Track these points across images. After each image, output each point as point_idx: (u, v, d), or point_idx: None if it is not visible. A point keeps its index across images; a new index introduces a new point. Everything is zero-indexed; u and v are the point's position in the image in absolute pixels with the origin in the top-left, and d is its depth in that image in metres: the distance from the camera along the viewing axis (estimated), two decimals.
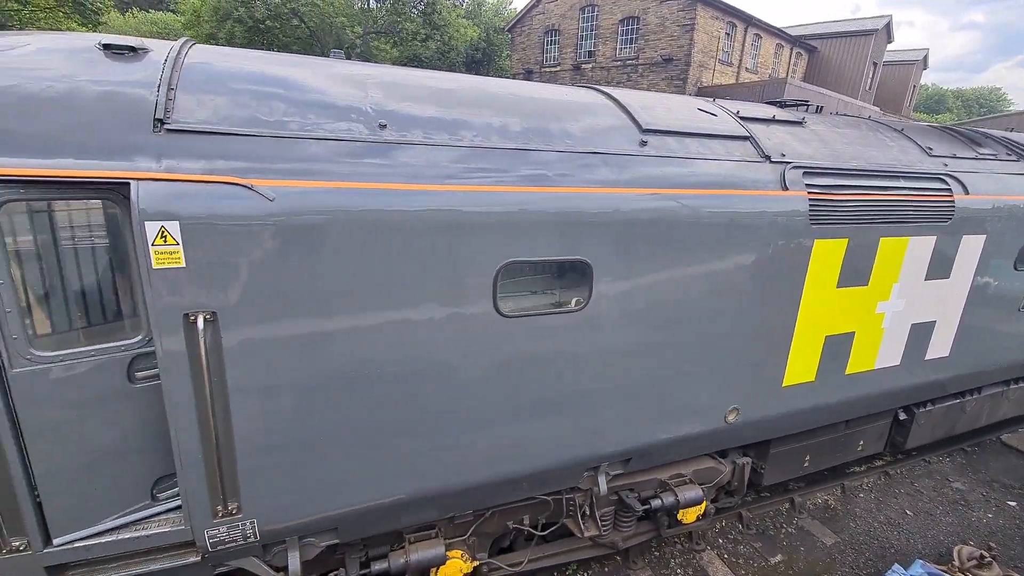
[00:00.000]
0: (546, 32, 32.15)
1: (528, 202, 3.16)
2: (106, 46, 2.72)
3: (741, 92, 25.14)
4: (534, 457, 3.73)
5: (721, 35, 27.18)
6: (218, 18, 34.86)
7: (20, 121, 2.36)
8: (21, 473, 2.58)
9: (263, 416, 2.84)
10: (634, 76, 28.30)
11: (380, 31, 40.17)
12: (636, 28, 27.73)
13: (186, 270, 2.51)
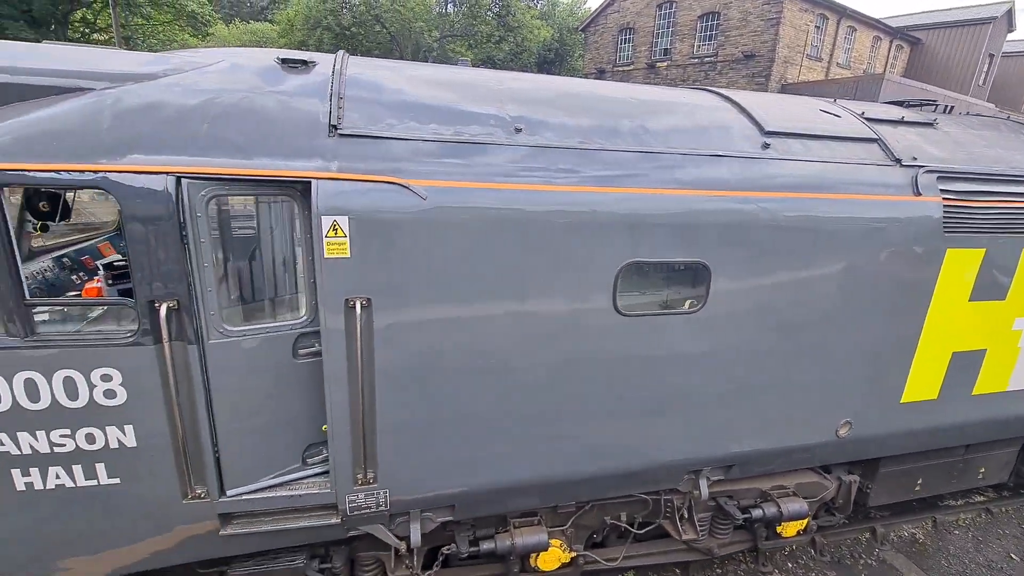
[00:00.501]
0: (621, 30, 31.60)
1: (650, 204, 3.25)
2: (283, 60, 3.08)
3: (830, 89, 23.49)
4: (639, 455, 3.81)
5: (810, 28, 25.51)
6: (308, 26, 37.24)
7: (224, 127, 2.72)
8: (208, 431, 2.94)
9: (402, 395, 3.11)
10: (712, 74, 27.20)
11: (456, 34, 41.19)
12: (716, 24, 26.63)
13: (350, 260, 2.81)
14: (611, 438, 3.67)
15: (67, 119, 2.58)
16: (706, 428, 3.89)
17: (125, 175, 2.55)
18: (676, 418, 3.77)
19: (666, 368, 3.59)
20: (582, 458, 3.66)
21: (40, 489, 2.82)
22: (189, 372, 2.81)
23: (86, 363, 2.67)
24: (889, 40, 30.64)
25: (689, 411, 3.78)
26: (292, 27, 39.18)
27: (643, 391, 3.60)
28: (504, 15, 41.43)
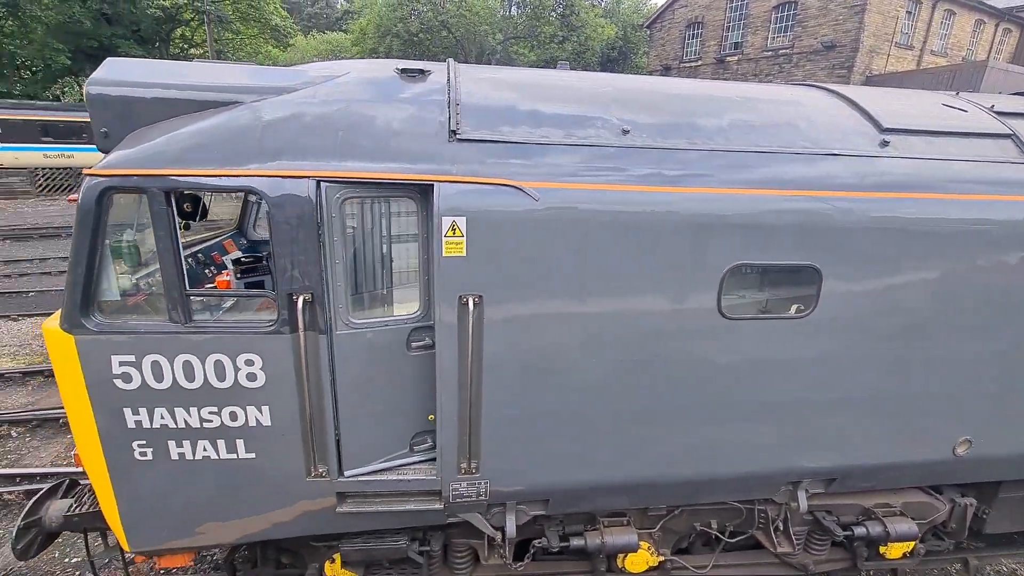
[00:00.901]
0: (688, 25, 30.60)
1: (760, 204, 3.19)
2: (402, 70, 3.26)
3: (922, 80, 21.57)
4: (737, 462, 3.72)
5: (900, 14, 23.55)
6: (379, 35, 38.91)
7: (356, 135, 2.94)
8: (332, 415, 3.18)
9: (507, 389, 3.24)
10: (787, 67, 25.75)
11: (519, 36, 41.50)
12: (793, 14, 25.19)
13: (466, 259, 2.95)
14: (710, 443, 3.61)
15: (224, 129, 2.85)
16: (809, 438, 3.72)
17: (274, 179, 2.80)
18: (778, 426, 3.65)
19: (770, 374, 3.49)
20: (679, 461, 3.62)
21: (190, 459, 3.13)
22: (319, 360, 3.03)
23: (234, 348, 2.95)
24: (995, 23, 27.67)
25: (792, 419, 3.65)
26: (364, 36, 41.06)
27: (745, 396, 3.51)
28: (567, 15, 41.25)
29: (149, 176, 2.74)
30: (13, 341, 9.82)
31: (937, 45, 25.88)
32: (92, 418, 2.99)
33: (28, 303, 11.70)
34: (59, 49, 29.55)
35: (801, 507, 4.03)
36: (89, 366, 2.89)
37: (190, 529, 3.34)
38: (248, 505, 3.32)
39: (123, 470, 3.11)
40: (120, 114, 2.86)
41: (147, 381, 2.94)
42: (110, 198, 2.78)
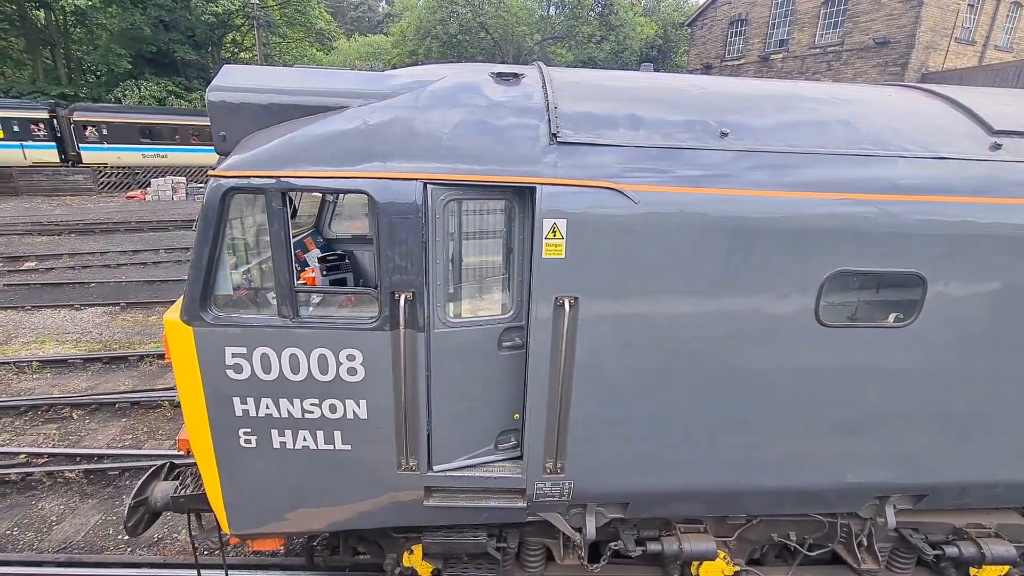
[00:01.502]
0: (731, 23, 29.83)
1: (862, 209, 3.09)
2: (497, 74, 3.32)
3: (985, 77, 20.38)
4: (824, 473, 3.61)
5: (962, 7, 22.29)
6: (419, 36, 39.51)
7: (460, 138, 3.00)
8: (425, 411, 3.27)
9: (597, 391, 3.26)
10: (836, 64, 24.77)
11: (557, 37, 41.37)
12: (843, 9, 24.20)
13: (564, 260, 2.99)
14: (798, 452, 3.53)
15: (336, 133, 2.96)
16: (903, 451, 3.58)
17: (383, 181, 2.90)
18: (871, 438, 3.52)
19: (866, 384, 3.37)
20: (765, 470, 3.56)
21: (290, 448, 3.27)
22: (416, 357, 3.12)
23: (336, 343, 3.07)
24: None
25: (886, 432, 3.52)
26: (404, 38, 41.78)
27: (838, 406, 3.41)
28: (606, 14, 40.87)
29: (268, 177, 2.88)
30: (76, 329, 10.47)
31: (1002, 40, 24.37)
32: (204, 405, 3.16)
33: (90, 293, 12.45)
34: (121, 54, 31.29)
35: (889, 523, 3.88)
36: (204, 356, 3.06)
37: (286, 515, 3.49)
38: (341, 495, 3.45)
39: (229, 456, 3.28)
40: (237, 119, 3.02)
41: (256, 372, 3.09)
42: (232, 198, 2.93)
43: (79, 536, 5.28)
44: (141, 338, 10.08)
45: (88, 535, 5.31)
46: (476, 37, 39.93)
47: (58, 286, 12.85)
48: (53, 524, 5.45)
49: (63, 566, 4.84)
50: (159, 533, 5.31)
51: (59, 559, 4.92)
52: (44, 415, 7.33)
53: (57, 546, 5.16)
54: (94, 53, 33.18)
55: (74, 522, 5.47)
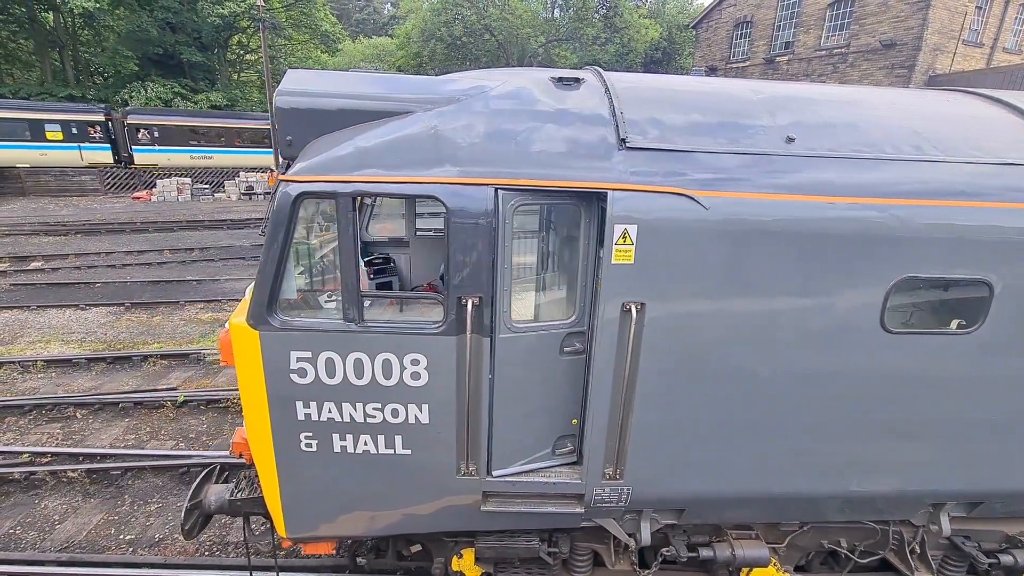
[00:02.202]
0: (736, 25, 29.77)
1: (931, 216, 3.07)
2: (559, 79, 3.31)
3: (994, 79, 20.24)
4: (882, 479, 3.58)
5: (970, 9, 22.16)
6: (423, 39, 39.60)
7: (529, 143, 3.00)
8: (487, 415, 3.25)
9: (659, 397, 3.25)
10: (841, 67, 24.67)
11: (561, 38, 41.40)
12: (850, 11, 24.11)
13: (633, 266, 2.97)
14: (858, 459, 3.50)
15: (406, 138, 2.97)
16: (962, 459, 3.55)
17: (456, 187, 2.90)
18: (931, 444, 3.49)
19: (929, 390, 3.35)
20: (824, 476, 3.53)
21: (350, 452, 3.26)
22: (480, 361, 3.10)
23: (401, 348, 3.07)
24: None
25: (946, 439, 3.48)
26: (409, 40, 41.88)
27: (899, 413, 3.39)
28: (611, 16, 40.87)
29: (340, 182, 2.88)
30: (80, 328, 10.50)
31: (1011, 42, 24.21)
32: (266, 409, 3.15)
33: (95, 293, 12.50)
34: (128, 56, 31.48)
35: (944, 530, 3.84)
36: (270, 360, 3.05)
37: (342, 519, 3.48)
38: (398, 499, 3.44)
39: (289, 459, 3.27)
40: (304, 123, 3.03)
41: (320, 376, 3.08)
42: (302, 202, 2.93)
43: (81, 535, 5.28)
44: (145, 338, 10.11)
45: (90, 534, 5.30)
46: (480, 39, 40.01)
47: (64, 286, 12.91)
48: (56, 523, 5.44)
49: (65, 565, 4.84)
50: (160, 534, 5.30)
51: (61, 559, 4.91)
52: (48, 414, 7.34)
53: (59, 545, 5.16)
54: (101, 55, 33.41)
55: (76, 521, 5.46)
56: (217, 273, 14.49)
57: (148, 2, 31.16)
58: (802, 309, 3.12)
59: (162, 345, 9.70)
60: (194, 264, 15.42)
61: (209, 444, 6.76)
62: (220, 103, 33.35)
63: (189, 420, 7.30)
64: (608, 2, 41.13)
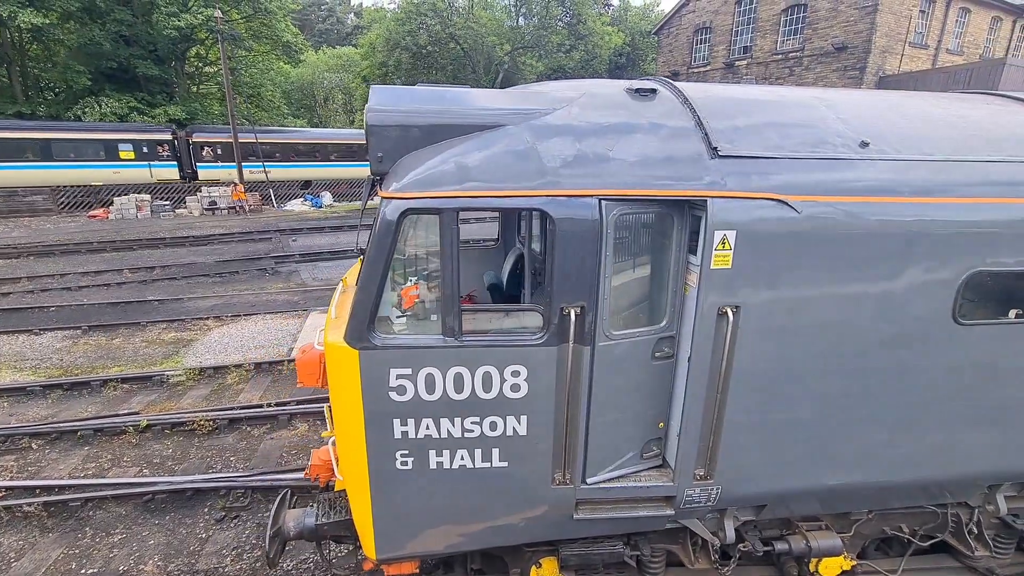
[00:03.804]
0: (696, 31, 30.60)
1: (999, 213, 3.30)
2: (636, 90, 3.36)
3: (939, 79, 21.28)
4: (951, 464, 3.76)
5: (914, 13, 23.30)
6: (389, 48, 39.41)
7: (624, 153, 3.03)
8: (584, 424, 3.26)
9: (749, 398, 3.32)
10: (797, 70, 25.57)
11: (527, 46, 41.78)
12: (803, 16, 25.06)
13: (731, 271, 3.05)
14: (931, 447, 3.67)
15: (506, 152, 2.97)
16: (1019, 440, 3.79)
17: (562, 199, 2.92)
18: (996, 429, 3.71)
19: (994, 379, 3.56)
20: (900, 466, 3.69)
21: (446, 468, 3.21)
22: (580, 370, 3.11)
23: (502, 360, 3.06)
24: (1012, 20, 27.25)
25: (1007, 422, 3.71)
26: (374, 49, 41.62)
27: (968, 401, 3.59)
28: (575, 24, 41.49)
29: (444, 197, 2.87)
30: (34, 355, 9.98)
31: (953, 44, 25.54)
32: (362, 428, 3.10)
33: (49, 317, 11.92)
34: (80, 71, 30.36)
35: (1000, 510, 4.10)
36: (368, 379, 3.00)
37: (434, 536, 3.44)
38: (491, 512, 3.42)
39: (383, 479, 3.21)
40: (395, 139, 3.02)
41: (419, 393, 3.05)
42: (407, 219, 2.92)
43: (39, 572, 4.97)
44: (104, 362, 9.66)
45: (49, 570, 5.00)
46: (446, 48, 40.05)
47: (15, 311, 12.26)
48: (12, 561, 5.11)
49: None
50: (124, 566, 5.03)
51: None
52: (0, 446, 6.92)
53: None
54: (52, 70, 32.13)
55: (34, 558, 5.14)
56: (180, 292, 14.00)
57: (100, 15, 30.13)
58: (888, 306, 3.27)
59: (123, 368, 9.28)
60: (156, 283, 14.86)
61: (176, 469, 6.49)
62: (179, 117, 32.47)
63: (153, 445, 6.99)
64: (572, 10, 41.73)
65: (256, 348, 10.16)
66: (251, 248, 19.28)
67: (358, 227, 4.06)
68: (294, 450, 6.92)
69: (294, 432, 7.32)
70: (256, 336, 10.76)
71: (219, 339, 10.61)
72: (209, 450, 6.90)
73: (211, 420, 7.32)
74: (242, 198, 26.96)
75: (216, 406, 7.90)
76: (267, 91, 40.33)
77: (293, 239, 20.89)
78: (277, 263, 17.00)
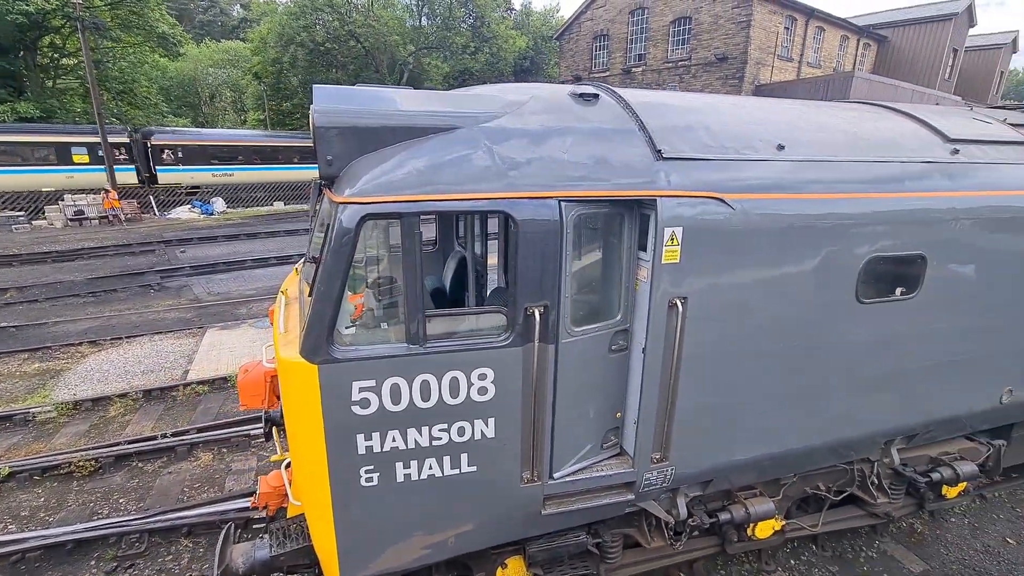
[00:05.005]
0: (595, 38, 32.00)
1: (884, 205, 3.80)
2: (578, 95, 3.46)
3: (803, 88, 23.98)
4: (857, 426, 4.30)
5: (780, 30, 26.08)
6: (282, 43, 37.04)
7: (578, 155, 3.14)
8: (551, 420, 3.31)
9: (697, 381, 3.56)
10: (687, 77, 27.61)
11: (431, 47, 41.29)
12: (688, 28, 27.09)
13: (679, 265, 3.26)
14: (844, 411, 4.16)
15: (463, 155, 2.94)
16: (908, 400, 4.39)
17: (524, 201, 2.96)
18: (892, 391, 4.28)
19: (887, 348, 4.11)
20: (816, 431, 4.15)
21: (414, 479, 3.13)
22: (546, 368, 3.19)
23: (469, 364, 3.04)
24: (856, 38, 31.46)
25: (901, 384, 4.29)
26: (266, 44, 38.93)
27: (871, 369, 4.12)
28: (479, 26, 41.68)
29: (405, 201, 2.80)
30: None
31: (812, 57, 28.92)
32: (323, 448, 2.94)
33: None
34: None
35: (895, 461, 4.78)
36: (329, 394, 2.87)
37: (401, 550, 3.34)
38: (464, 519, 3.39)
39: (347, 498, 3.08)
40: (346, 142, 2.89)
41: (384, 404, 2.96)
42: (365, 225, 2.80)
43: None
44: None
45: None
46: (346, 46, 38.41)
47: None
48: None
49: None
50: None
51: None
52: None
53: None
54: None
55: None
56: (43, 316, 12.13)
57: None
58: (803, 291, 3.67)
59: None
60: (11, 308, 12.77)
61: (50, 520, 5.57)
62: (32, 114, 28.24)
63: (19, 496, 5.96)
64: (475, 12, 41.85)
65: (144, 373, 9.05)
66: (131, 262, 17.21)
67: (310, 232, 3.84)
68: (198, 483, 6.22)
69: (196, 463, 6.60)
70: (143, 360, 9.59)
71: (97, 366, 9.32)
72: (92, 494, 6.01)
73: (92, 460, 6.39)
74: (116, 206, 24.02)
75: (98, 443, 6.91)
76: (141, 87, 36.26)
77: (182, 250, 18.97)
78: (164, 277, 15.32)
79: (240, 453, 6.83)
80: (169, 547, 5.25)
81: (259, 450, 6.89)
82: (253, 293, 14.10)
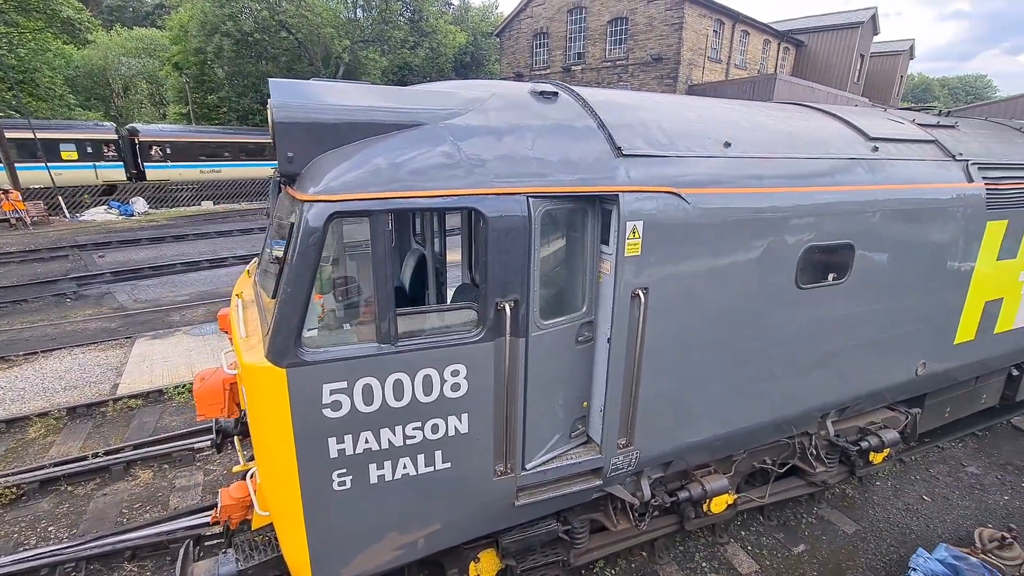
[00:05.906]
0: (535, 35, 32.27)
1: (818, 198, 4.09)
2: (538, 93, 3.53)
3: (731, 89, 25.30)
4: (797, 404, 4.66)
5: (709, 32, 27.36)
6: (206, 32, 34.75)
7: (544, 152, 3.19)
8: (522, 412, 3.38)
9: (657, 367, 3.71)
10: (624, 76, 28.43)
11: (368, 40, 40.15)
12: (625, 29, 27.88)
13: (640, 257, 3.39)
14: (788, 389, 4.51)
15: (430, 152, 2.92)
16: (840, 376, 4.79)
17: (493, 197, 2.98)
18: (829, 368, 4.65)
19: (822, 329, 4.46)
20: (763, 410, 4.46)
21: (388, 480, 3.10)
22: (517, 362, 3.23)
23: (441, 361, 3.02)
24: (777, 43, 33.56)
25: (837, 362, 4.68)
26: (187, 33, 36.42)
27: (813, 349, 4.48)
28: (417, 20, 40.96)
29: (374, 199, 2.76)
30: None
31: (739, 59, 30.56)
32: (293, 453, 2.85)
33: None
34: None
35: (830, 433, 5.27)
36: (298, 398, 2.78)
37: (375, 553, 3.29)
38: (438, 516, 3.39)
39: (319, 504, 3.00)
40: (307, 138, 2.81)
41: (356, 406, 2.91)
42: (334, 223, 2.74)
43: None
44: None
45: None
46: (276, 37, 36.57)
47: None
48: None
49: None
50: None
51: None
52: None
53: None
54: None
55: None
56: None
57: None
58: (750, 279, 3.92)
59: None
60: None
61: None
62: None
63: None
64: (412, 5, 41.05)
65: (66, 390, 8.32)
66: (41, 269, 15.70)
67: (267, 230, 3.72)
68: (138, 503, 5.82)
69: (135, 482, 6.16)
70: (63, 375, 8.80)
71: (8, 384, 8.47)
72: (15, 524, 5.49)
73: (12, 487, 5.82)
74: (19, 208, 21.78)
75: (16, 468, 6.29)
76: (44, 76, 33.00)
77: (100, 255, 17.50)
78: (81, 285, 14.08)
79: (184, 468, 6.44)
80: (111, 573, 4.88)
81: (206, 463, 6.52)
82: (186, 299, 13.25)
